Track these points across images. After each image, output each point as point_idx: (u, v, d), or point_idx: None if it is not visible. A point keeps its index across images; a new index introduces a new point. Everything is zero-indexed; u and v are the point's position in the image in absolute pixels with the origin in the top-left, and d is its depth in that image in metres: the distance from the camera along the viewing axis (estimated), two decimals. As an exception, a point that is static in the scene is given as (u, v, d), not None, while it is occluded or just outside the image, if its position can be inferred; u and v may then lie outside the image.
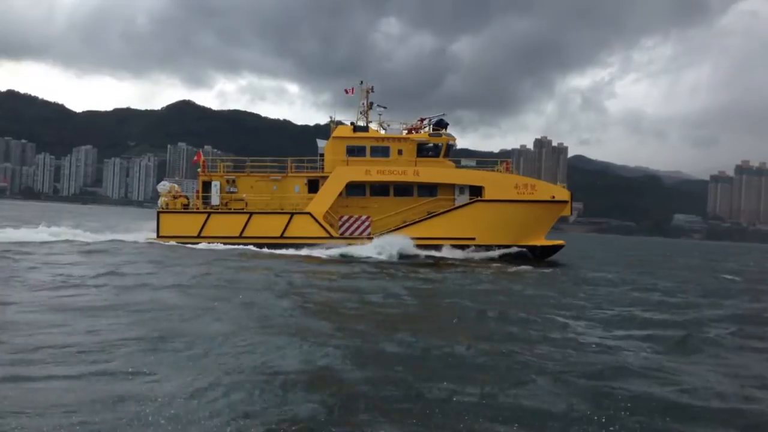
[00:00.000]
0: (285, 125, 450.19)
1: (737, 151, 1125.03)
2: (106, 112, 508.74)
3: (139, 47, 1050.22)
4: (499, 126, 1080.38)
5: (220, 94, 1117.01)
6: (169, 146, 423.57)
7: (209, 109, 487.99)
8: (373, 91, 46.31)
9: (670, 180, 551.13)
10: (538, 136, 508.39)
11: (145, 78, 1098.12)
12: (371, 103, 46.15)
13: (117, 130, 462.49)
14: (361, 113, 46.18)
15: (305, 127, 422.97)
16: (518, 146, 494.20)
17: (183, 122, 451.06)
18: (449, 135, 45.59)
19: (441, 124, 45.74)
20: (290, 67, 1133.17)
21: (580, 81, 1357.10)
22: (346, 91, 46.36)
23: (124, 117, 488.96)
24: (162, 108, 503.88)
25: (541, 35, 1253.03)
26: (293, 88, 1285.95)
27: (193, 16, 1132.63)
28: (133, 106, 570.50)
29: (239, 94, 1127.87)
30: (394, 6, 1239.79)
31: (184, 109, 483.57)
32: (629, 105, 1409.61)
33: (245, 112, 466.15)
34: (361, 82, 46.41)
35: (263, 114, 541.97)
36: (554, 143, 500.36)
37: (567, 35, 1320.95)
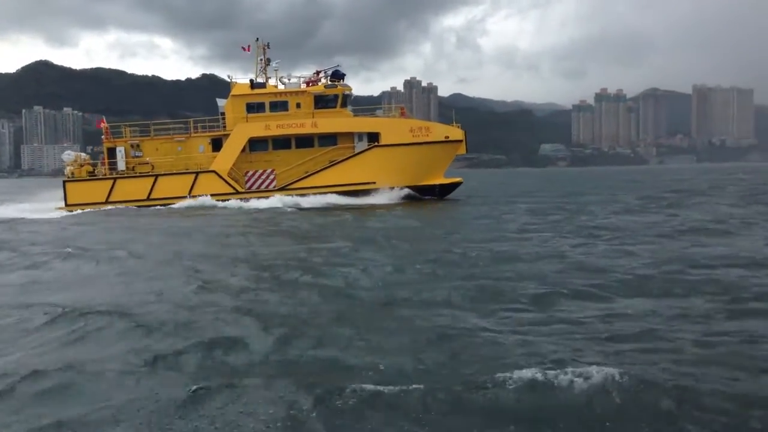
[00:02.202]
0: (154, 81, 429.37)
1: (605, 79, 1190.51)
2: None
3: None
4: (378, 70, 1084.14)
5: (87, 52, 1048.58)
6: (24, 111, 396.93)
7: (70, 69, 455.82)
8: (269, 48, 47.37)
9: (542, 112, 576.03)
10: (408, 78, 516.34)
11: (2, 39, 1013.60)
12: (268, 59, 47.24)
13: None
14: (260, 71, 47.19)
15: (176, 82, 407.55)
16: (389, 89, 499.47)
17: (41, 84, 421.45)
18: (345, 85, 47.44)
19: (337, 75, 47.41)
20: (159, 20, 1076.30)
21: (453, 20, 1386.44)
22: (243, 49, 47.22)
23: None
24: (17, 70, 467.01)
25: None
26: (166, 42, 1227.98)
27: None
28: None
29: (108, 51, 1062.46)
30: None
31: (41, 69, 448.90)
32: (502, 41, 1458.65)
33: (110, 69, 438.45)
34: (257, 39, 47.33)
35: (130, 71, 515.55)
36: (424, 83, 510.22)
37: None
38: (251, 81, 46.92)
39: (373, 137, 46.65)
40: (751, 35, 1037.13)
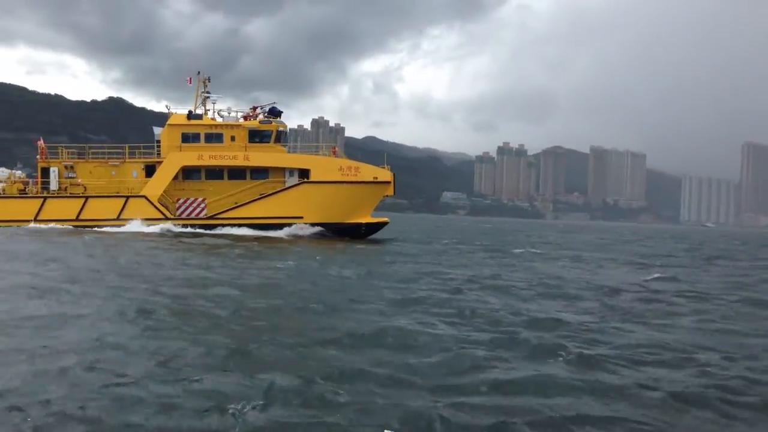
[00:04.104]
0: (57, 100, 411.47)
1: (513, 134, 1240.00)
2: None
3: None
4: (297, 108, 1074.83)
5: None
6: None
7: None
8: (210, 82, 48.95)
9: (451, 161, 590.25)
10: (315, 117, 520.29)
11: None
12: (207, 93, 48.78)
13: None
14: (201, 103, 48.68)
15: (80, 103, 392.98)
16: (296, 126, 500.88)
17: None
18: (280, 122, 49.46)
19: (273, 112, 49.39)
20: (71, 41, 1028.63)
21: (371, 66, 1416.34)
22: (187, 81, 48.64)
23: None
24: None
25: (332, 21, 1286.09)
26: (79, 63, 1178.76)
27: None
28: None
29: (17, 66, 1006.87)
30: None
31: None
32: (418, 90, 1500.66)
33: (9, 84, 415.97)
34: (198, 72, 48.94)
35: (32, 88, 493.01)
36: (332, 123, 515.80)
37: (358, 22, 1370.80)
38: (189, 112, 48.25)
39: (304, 173, 48.53)
40: (648, 103, 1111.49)
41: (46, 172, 46.41)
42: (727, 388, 9.85)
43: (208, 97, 48.92)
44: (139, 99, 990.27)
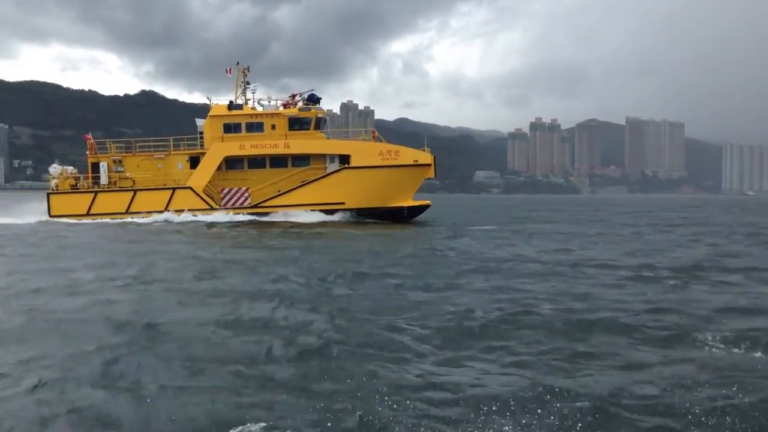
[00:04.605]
0: (91, 96, 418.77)
1: (547, 108, 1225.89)
2: None
3: None
4: (327, 93, 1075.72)
5: (30, 64, 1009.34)
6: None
7: (1, 81, 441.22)
8: (249, 72, 49.53)
9: (485, 138, 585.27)
10: (345, 101, 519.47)
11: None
12: (247, 83, 49.37)
13: None
14: (241, 93, 49.34)
15: (114, 98, 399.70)
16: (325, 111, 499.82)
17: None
18: (319, 109, 49.79)
19: (312, 99, 49.74)
20: (102, 35, 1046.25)
21: (400, 47, 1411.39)
22: (226, 71, 49.29)
23: None
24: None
25: (359, 4, 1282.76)
26: (111, 58, 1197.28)
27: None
28: None
29: (51, 64, 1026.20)
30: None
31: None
32: (448, 68, 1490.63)
33: (43, 82, 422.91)
34: (237, 62, 49.59)
35: (66, 85, 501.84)
36: (361, 107, 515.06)
37: (384, 3, 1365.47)
38: (230, 102, 48.91)
39: (345, 159, 48.79)
40: (683, 70, 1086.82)
41: (95, 167, 48.01)
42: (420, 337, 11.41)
43: (248, 87, 49.51)
44: (170, 91, 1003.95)
